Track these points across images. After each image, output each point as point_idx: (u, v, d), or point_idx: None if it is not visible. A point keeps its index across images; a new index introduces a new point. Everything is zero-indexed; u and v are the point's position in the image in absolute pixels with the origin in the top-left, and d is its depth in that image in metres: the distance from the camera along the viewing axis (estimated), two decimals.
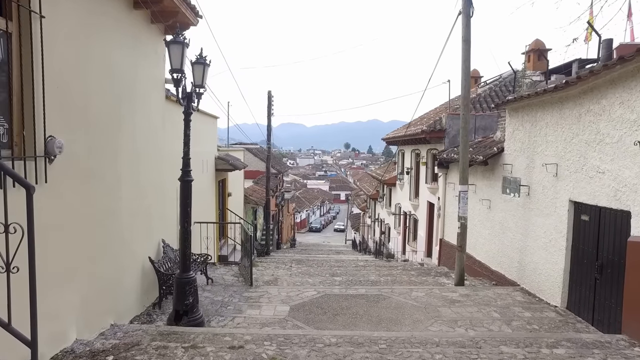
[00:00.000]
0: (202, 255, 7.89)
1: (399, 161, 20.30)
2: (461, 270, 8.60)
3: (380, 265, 13.22)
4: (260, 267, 12.54)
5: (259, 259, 16.68)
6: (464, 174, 8.55)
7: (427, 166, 14.73)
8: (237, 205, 16.01)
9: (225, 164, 11.83)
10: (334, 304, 6.86)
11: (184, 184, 5.58)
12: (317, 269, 11.88)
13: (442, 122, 13.20)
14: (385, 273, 10.65)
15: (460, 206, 8.59)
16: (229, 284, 8.04)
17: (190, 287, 5.59)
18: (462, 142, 8.50)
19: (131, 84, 5.96)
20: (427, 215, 15.03)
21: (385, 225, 23.70)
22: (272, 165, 30.41)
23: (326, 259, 17.06)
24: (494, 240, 9.25)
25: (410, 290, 7.71)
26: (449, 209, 12.58)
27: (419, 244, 16.13)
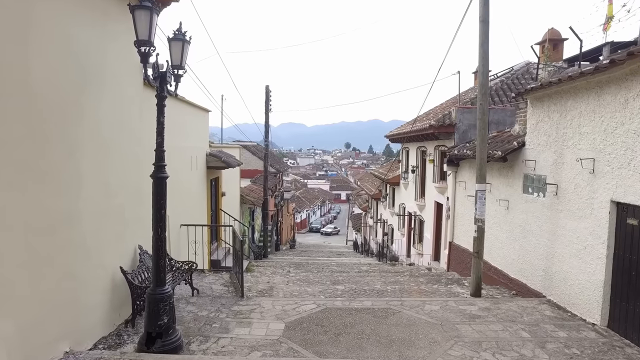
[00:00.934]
0: (187, 262, 6.98)
1: (403, 159, 19.37)
2: (478, 279, 7.68)
3: (385, 271, 12.30)
4: (255, 272, 11.64)
5: (255, 262, 15.78)
6: (482, 171, 7.63)
7: (435, 164, 13.81)
8: (232, 206, 15.11)
9: (217, 161, 10.93)
10: (337, 320, 5.95)
11: (157, 181, 4.67)
12: (317, 274, 10.97)
13: (451, 116, 12.28)
14: (392, 280, 9.73)
15: (477, 207, 7.67)
16: (217, 295, 7.13)
17: (165, 305, 4.67)
18: (480, 136, 7.58)
19: (97, 67, 5.06)
20: (434, 216, 14.11)
21: (389, 226, 22.78)
22: (271, 164, 29.52)
23: (327, 263, 16.14)
24: (512, 244, 8.33)
25: (422, 303, 6.78)
26: (459, 209, 11.66)
27: (426, 246, 15.21)
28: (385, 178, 20.86)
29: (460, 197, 11.61)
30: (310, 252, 26.18)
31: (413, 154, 17.38)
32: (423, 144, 15.77)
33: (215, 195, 12.51)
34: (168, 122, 8.06)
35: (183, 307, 6.34)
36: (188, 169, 9.24)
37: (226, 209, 13.36)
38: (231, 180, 14.77)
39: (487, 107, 7.65)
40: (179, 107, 8.58)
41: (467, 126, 12.11)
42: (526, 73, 14.45)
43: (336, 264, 15.17)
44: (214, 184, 12.27)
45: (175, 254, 8.23)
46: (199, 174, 10.18)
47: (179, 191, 8.53)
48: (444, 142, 13.15)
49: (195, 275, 8.41)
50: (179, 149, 8.52)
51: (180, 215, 8.64)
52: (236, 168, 15.74)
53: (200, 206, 10.41)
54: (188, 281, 6.96)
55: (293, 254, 23.10)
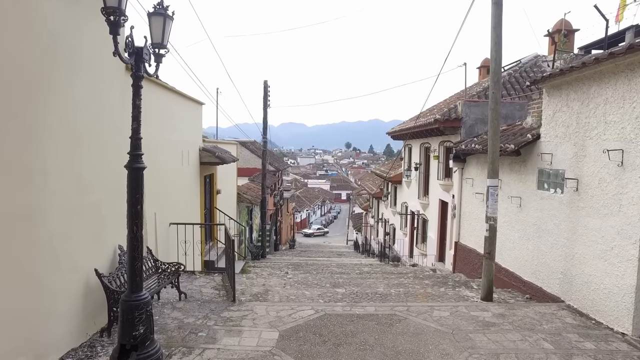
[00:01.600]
0: (173, 264, 6.41)
1: (406, 157, 18.80)
2: (489, 282, 7.10)
3: (387, 272, 11.73)
4: (251, 273, 11.08)
5: (253, 262, 15.22)
6: (494, 165, 7.05)
7: (440, 160, 13.23)
8: (228, 205, 14.55)
9: (211, 157, 10.36)
10: (337, 328, 5.37)
11: (133, 172, 4.09)
12: (316, 276, 10.40)
13: (457, 110, 11.70)
14: (395, 282, 9.16)
15: (488, 204, 7.10)
16: (207, 300, 6.55)
17: (142, 313, 4.09)
18: (492, 127, 7.00)
19: (71, 48, 4.50)
20: (438, 215, 13.53)
21: (390, 225, 22.21)
22: (270, 162, 28.95)
23: (326, 263, 15.58)
24: (526, 245, 7.76)
25: (430, 308, 6.21)
26: (466, 207, 11.08)
27: (429, 246, 14.64)
28: (387, 176, 20.29)
29: (467, 194, 11.03)
30: (310, 253, 25.62)
31: (416, 151, 16.80)
32: (427, 140, 15.20)
33: (210, 192, 11.95)
34: (155, 112, 7.50)
35: (168, 313, 5.77)
36: (178, 164, 8.68)
37: (222, 207, 12.80)
38: (227, 178, 14.20)
39: (499, 95, 7.07)
40: (168, 97, 8.02)
41: (474, 120, 11.54)
42: (534, 66, 13.87)
43: (336, 265, 14.60)
44: (208, 181, 11.70)
45: (164, 254, 7.67)
46: (191, 169, 9.61)
47: (167, 187, 7.97)
48: (449, 137, 12.58)
49: (185, 278, 7.85)
50: (168, 141, 7.95)
51: (170, 213, 8.07)
52: (233, 165, 15.18)
53: (193, 204, 9.84)
54: (175, 284, 6.39)
55: (292, 254, 22.54)
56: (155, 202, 7.30)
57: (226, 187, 14.03)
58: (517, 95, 12.48)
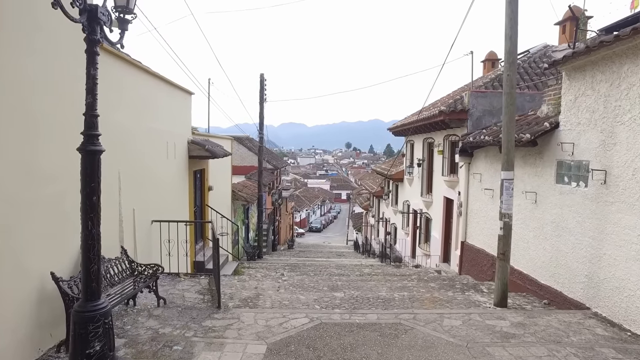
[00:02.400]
0: (150, 266, 5.71)
1: (408, 153, 18.09)
2: (504, 285, 6.40)
3: (389, 274, 11.03)
4: (244, 275, 10.38)
5: (248, 263, 14.52)
6: (509, 156, 6.35)
7: (444, 156, 12.53)
8: (222, 202, 13.84)
9: (200, 150, 9.65)
10: (334, 340, 4.67)
11: (87, 156, 3.40)
12: (313, 278, 9.71)
13: (464, 101, 11.00)
14: (399, 285, 8.46)
15: (503, 199, 6.39)
16: (189, 306, 5.85)
17: (98, 326, 3.40)
18: (507, 113, 6.29)
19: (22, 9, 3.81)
20: (443, 214, 12.83)
21: (391, 225, 21.50)
22: (268, 160, 28.27)
23: (325, 264, 14.88)
24: (542, 245, 7.06)
25: (440, 316, 5.50)
26: (473, 205, 10.38)
27: (433, 246, 13.93)
28: (388, 174, 19.59)
29: (474, 191, 10.33)
30: (309, 253, 24.93)
31: (419, 146, 16.10)
32: (430, 135, 14.49)
33: (201, 189, 11.25)
34: (133, 97, 6.80)
35: (142, 322, 5.07)
36: (162, 156, 7.97)
37: (214, 205, 12.09)
38: (221, 174, 13.50)
39: (515, 78, 6.37)
40: (150, 82, 7.31)
41: (482, 112, 10.84)
42: (544, 56, 13.16)
43: (335, 266, 13.91)
44: (198, 176, 11.00)
45: (145, 255, 6.97)
46: (178, 163, 8.91)
47: (149, 181, 7.27)
48: (455, 131, 11.88)
49: (168, 281, 7.16)
50: (149, 130, 7.25)
51: (152, 210, 7.37)
52: (227, 160, 14.48)
53: (180, 200, 9.14)
54: (152, 288, 5.69)
55: (290, 255, 21.85)
56: (134, 197, 6.60)
57: (219, 184, 13.32)
58: (526, 85, 11.78)
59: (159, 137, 7.76)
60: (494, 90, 11.44)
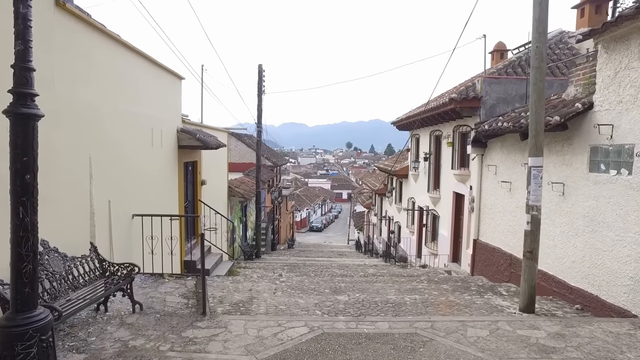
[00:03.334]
0: (125, 265, 4.92)
1: (413, 148, 17.28)
2: (531, 288, 5.59)
3: (396, 274, 10.23)
4: (239, 276, 9.59)
5: (245, 263, 13.73)
6: (537, 140, 5.54)
7: (454, 148, 11.73)
8: (217, 198, 13.05)
9: (191, 139, 8.86)
10: (338, 355, 3.87)
11: (18, 121, 2.60)
12: (314, 279, 8.91)
13: (476, 88, 10.19)
14: (408, 287, 7.65)
15: (530, 190, 5.59)
16: (170, 312, 5.05)
17: (30, 346, 2.60)
18: (536, 90, 5.49)
19: None
20: (452, 210, 12.02)
21: (395, 223, 20.70)
22: (267, 157, 27.51)
23: (326, 264, 14.08)
24: (572, 242, 6.25)
25: (462, 325, 4.70)
26: (487, 199, 9.57)
27: (441, 245, 13.13)
28: (392, 170, 18.78)
29: (488, 184, 9.53)
30: (309, 252, 24.14)
31: (425, 140, 15.29)
32: (438, 127, 13.69)
33: (193, 182, 10.45)
34: (108, 72, 5.94)
35: (111, 333, 4.27)
36: (146, 144, 7.18)
37: (208, 200, 11.30)
38: (216, 168, 12.70)
39: (545, 50, 5.57)
40: (130, 59, 6.51)
41: (496, 100, 10.04)
42: (560, 42, 12.35)
43: (337, 266, 13.10)
44: (190, 169, 10.20)
45: (124, 253, 6.18)
46: (165, 153, 8.12)
47: (129, 170, 6.48)
48: (466, 121, 11.08)
49: (150, 282, 6.36)
50: (129, 114, 6.45)
51: (133, 203, 6.58)
52: (222, 153, 13.69)
53: (168, 194, 8.34)
54: (127, 291, 4.89)
55: (290, 254, 21.05)
56: (110, 187, 5.82)
57: (214, 179, 12.53)
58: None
59: (141, 122, 6.97)
60: (508, 77, 10.63)
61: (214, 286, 7.18)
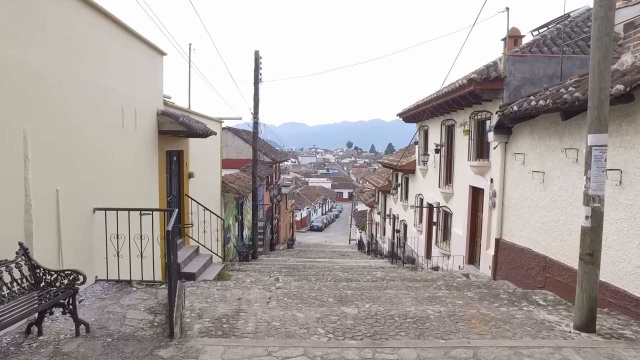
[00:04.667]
0: (66, 273, 3.72)
1: (421, 141, 16.08)
2: (592, 302, 4.40)
3: (407, 278, 9.03)
4: (230, 280, 8.41)
5: (239, 264, 12.55)
6: (601, 112, 4.34)
7: (471, 137, 10.52)
8: (209, 194, 11.87)
9: (173, 124, 7.66)
10: None
11: None
12: (315, 284, 7.72)
13: (498, 67, 9.00)
14: (426, 295, 6.46)
15: (591, 176, 4.40)
16: (127, 335, 3.85)
17: None
18: (600, 48, 4.29)
19: None
20: (468, 206, 10.83)
21: (401, 222, 19.50)
22: (266, 152, 26.33)
23: (329, 266, 12.90)
24: (635, 242, 5.06)
25: (514, 352, 3.51)
26: (513, 193, 8.37)
27: (455, 245, 11.93)
28: (398, 165, 17.58)
29: (514, 176, 8.33)
30: (310, 253, 22.95)
31: (435, 131, 14.09)
32: (451, 116, 12.49)
33: (179, 175, 9.26)
34: (63, 35, 4.64)
35: None
36: (115, 124, 5.99)
37: (198, 196, 10.11)
38: (207, 160, 11.52)
39: None
40: (96, 21, 5.30)
41: (521, 81, 8.84)
42: (587, 20, 11.14)
43: (341, 268, 11.92)
44: (175, 159, 9.01)
45: (80, 256, 4.99)
46: (141, 137, 6.92)
47: (89, 154, 5.28)
48: (485, 106, 9.88)
49: (114, 292, 5.16)
50: (90, 85, 5.24)
51: (95, 194, 5.39)
52: (215, 144, 12.52)
53: (145, 185, 7.15)
54: (68, 307, 3.69)
55: (289, 255, 19.86)
56: (59, 172, 4.63)
57: (205, 172, 11.35)
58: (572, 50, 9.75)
59: (108, 97, 5.76)
60: (534, 55, 9.42)
61: (197, 294, 6.01)
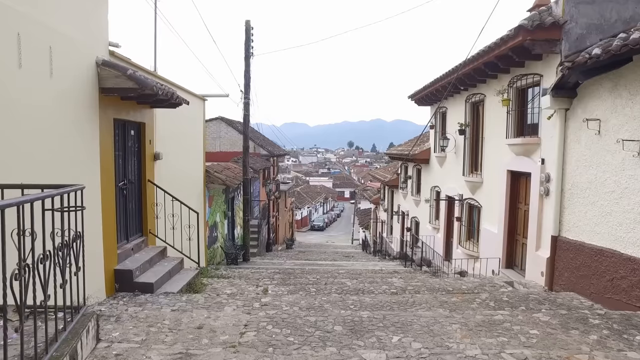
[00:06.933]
0: None
1: (438, 125, 13.97)
2: None
3: (436, 288, 6.91)
4: (201, 293, 6.35)
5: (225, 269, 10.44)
6: None
7: (511, 108, 8.40)
8: (187, 185, 9.79)
9: (119, 79, 5.54)
10: None
11: None
12: (314, 300, 5.62)
13: (553, 12, 6.88)
14: (479, 319, 4.34)
15: None
16: None
17: None
18: None
19: None
20: (505, 197, 8.72)
21: (412, 219, 17.38)
22: (262, 144, 24.24)
23: (332, 270, 10.78)
24: None
25: None
26: (582, 175, 6.25)
27: (486, 245, 9.82)
28: (410, 154, 15.45)
29: (583, 151, 6.21)
30: (310, 254, 20.84)
31: (457, 112, 11.99)
32: (478, 90, 10.39)
33: (139, 155, 7.16)
34: None
35: None
36: (9, 63, 3.87)
37: (170, 184, 8.01)
38: (184, 142, 9.42)
39: None
40: None
41: (586, 28, 6.74)
42: None
43: (346, 273, 9.81)
44: (132, 133, 6.90)
45: None
46: (65, 90, 4.81)
47: None
48: (531, 68, 7.78)
49: None
50: None
51: None
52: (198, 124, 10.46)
53: (73, 162, 5.03)
54: None
55: (287, 256, 17.73)
56: None
57: (180, 156, 9.26)
58: None
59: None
60: None
61: (138, 319, 3.96)
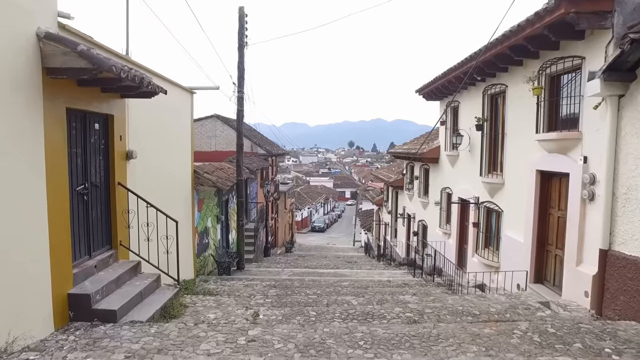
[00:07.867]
0: None
1: (449, 121, 12.81)
2: None
3: (459, 312, 5.75)
4: (174, 322, 5.22)
5: (214, 282, 9.32)
6: None
7: (542, 98, 7.25)
8: (168, 186, 8.64)
9: (69, 57, 4.41)
10: None
11: None
12: (314, 332, 4.48)
13: None
14: None
15: None
16: None
17: None
18: None
19: None
20: (534, 200, 7.56)
21: (419, 222, 16.24)
22: (259, 143, 23.10)
23: (333, 281, 9.63)
24: None
25: None
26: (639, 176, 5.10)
27: (509, 255, 8.67)
28: (418, 152, 14.30)
29: None
30: (311, 258, 19.68)
31: (471, 106, 10.85)
32: (499, 80, 9.24)
33: (106, 153, 6.01)
34: None
35: None
36: None
37: (144, 187, 6.87)
38: (164, 138, 8.27)
39: None
40: None
41: None
42: None
43: (351, 286, 8.65)
44: (97, 127, 5.76)
45: None
46: None
47: None
48: (570, 49, 6.63)
49: None
50: None
51: None
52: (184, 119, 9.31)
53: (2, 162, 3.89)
54: None
55: (285, 262, 16.57)
56: None
57: (162, 154, 8.12)
58: None
59: None
60: None
61: None
